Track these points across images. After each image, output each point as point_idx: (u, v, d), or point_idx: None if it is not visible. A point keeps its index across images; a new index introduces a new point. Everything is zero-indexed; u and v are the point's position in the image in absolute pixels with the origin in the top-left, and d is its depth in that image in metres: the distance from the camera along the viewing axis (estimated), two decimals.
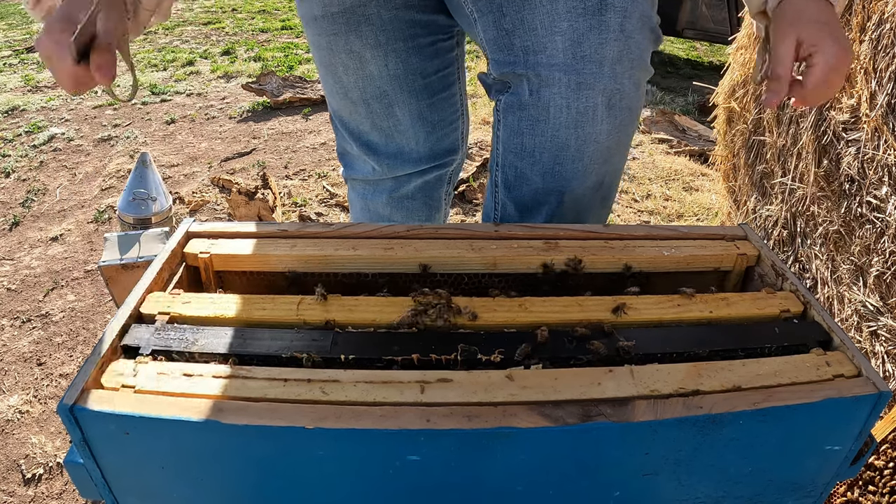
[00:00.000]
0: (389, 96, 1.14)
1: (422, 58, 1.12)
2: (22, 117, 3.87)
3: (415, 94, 1.14)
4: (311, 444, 0.60)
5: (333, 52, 1.11)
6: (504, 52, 0.94)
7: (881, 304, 1.28)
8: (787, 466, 0.71)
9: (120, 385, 0.64)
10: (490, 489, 0.66)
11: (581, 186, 0.98)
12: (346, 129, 1.24)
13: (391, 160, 1.22)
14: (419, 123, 1.18)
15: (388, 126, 1.18)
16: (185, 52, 5.39)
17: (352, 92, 1.15)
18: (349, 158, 1.31)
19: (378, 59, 1.09)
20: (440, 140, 1.22)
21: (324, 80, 1.21)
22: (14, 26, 7.07)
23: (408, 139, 1.19)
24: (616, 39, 0.89)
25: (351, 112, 1.20)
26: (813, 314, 0.77)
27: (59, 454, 1.54)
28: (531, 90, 0.93)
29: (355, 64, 1.11)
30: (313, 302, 0.77)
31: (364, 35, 1.07)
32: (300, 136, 3.49)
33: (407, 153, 1.21)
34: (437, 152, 1.23)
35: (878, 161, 1.28)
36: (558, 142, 0.94)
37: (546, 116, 0.93)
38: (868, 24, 1.32)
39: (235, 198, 2.40)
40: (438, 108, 1.18)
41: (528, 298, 0.78)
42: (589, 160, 0.96)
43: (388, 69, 1.10)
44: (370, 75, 1.12)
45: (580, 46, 0.89)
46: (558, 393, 0.63)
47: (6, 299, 2.14)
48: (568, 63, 0.89)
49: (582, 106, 0.91)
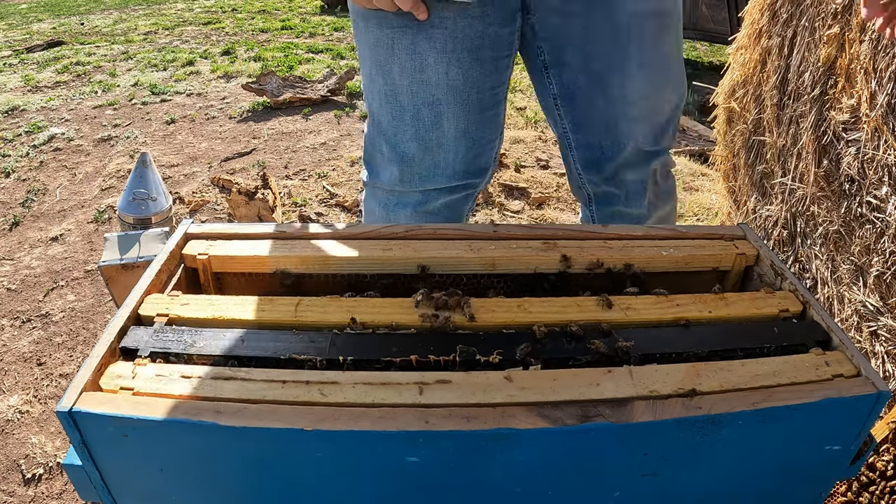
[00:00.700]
0: (441, 106, 1.11)
1: (482, 72, 1.11)
2: (22, 117, 3.87)
3: (466, 107, 1.12)
4: (310, 446, 0.60)
5: (394, 50, 1.07)
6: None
7: (881, 304, 1.28)
8: (786, 467, 0.71)
9: (119, 387, 0.64)
10: (489, 490, 0.66)
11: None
12: (384, 135, 1.19)
13: (424, 173, 1.19)
14: (462, 139, 1.15)
15: (431, 138, 1.14)
16: (185, 52, 5.39)
17: (402, 95, 1.12)
18: (377, 165, 1.26)
19: (440, 65, 1.07)
20: (476, 158, 1.20)
21: (370, 80, 1.16)
22: (14, 26, 7.08)
23: (447, 154, 1.17)
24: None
25: (395, 117, 1.15)
26: (812, 314, 0.77)
27: (59, 454, 1.54)
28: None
29: (415, 66, 1.08)
30: (313, 303, 0.77)
31: (433, 38, 1.05)
32: (300, 136, 3.49)
33: (442, 168, 1.18)
34: (472, 170, 1.21)
35: (878, 161, 1.27)
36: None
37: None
38: (868, 24, 1.32)
39: (235, 198, 2.40)
40: (483, 124, 1.17)
41: (526, 299, 0.78)
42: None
43: (447, 77, 1.08)
44: (427, 81, 1.09)
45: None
46: (557, 394, 0.63)
47: (6, 299, 2.14)
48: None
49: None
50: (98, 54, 5.45)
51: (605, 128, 1.18)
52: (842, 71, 1.43)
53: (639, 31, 1.09)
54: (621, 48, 1.09)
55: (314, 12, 7.63)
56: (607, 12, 1.06)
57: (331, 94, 4.02)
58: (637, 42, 1.10)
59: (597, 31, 1.08)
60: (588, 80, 1.13)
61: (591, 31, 1.08)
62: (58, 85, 4.57)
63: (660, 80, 1.16)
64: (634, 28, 1.08)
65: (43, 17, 7.79)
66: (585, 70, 1.12)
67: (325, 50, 5.47)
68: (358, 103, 3.96)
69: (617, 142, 1.19)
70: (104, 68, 4.96)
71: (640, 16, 1.08)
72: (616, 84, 1.12)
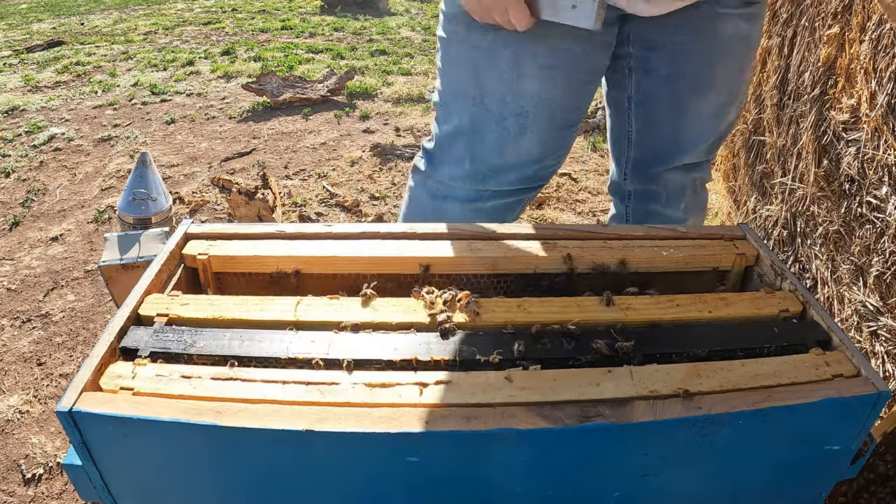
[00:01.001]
0: (528, 119, 1.12)
1: (574, 93, 1.12)
2: (22, 117, 3.87)
3: (551, 123, 1.14)
4: (310, 446, 0.60)
5: (494, 55, 1.07)
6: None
7: (881, 304, 1.28)
8: (786, 466, 0.71)
9: (118, 387, 0.64)
10: (489, 490, 0.66)
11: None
12: (462, 135, 1.18)
13: (491, 175, 1.19)
14: (538, 150, 1.17)
15: (511, 146, 1.16)
16: (185, 52, 5.39)
17: (491, 101, 1.12)
18: (442, 159, 1.24)
19: (540, 79, 1.07)
20: (543, 168, 1.22)
21: (455, 78, 1.16)
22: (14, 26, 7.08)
23: (519, 160, 1.18)
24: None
25: (479, 120, 1.15)
26: (812, 314, 0.77)
27: (59, 454, 1.54)
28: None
29: (513, 76, 1.08)
30: (313, 303, 0.77)
31: (537, 53, 1.05)
32: (300, 136, 3.49)
33: (510, 174, 1.19)
34: (535, 178, 1.22)
35: (878, 161, 1.27)
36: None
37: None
38: (868, 24, 1.32)
39: (235, 198, 2.40)
40: (559, 140, 1.19)
41: (526, 299, 0.78)
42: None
43: (542, 92, 1.09)
44: (521, 92, 1.09)
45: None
46: (557, 394, 0.63)
47: (6, 299, 2.14)
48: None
49: None
50: (98, 54, 5.45)
51: (671, 137, 1.22)
52: (842, 71, 1.43)
53: (728, 56, 1.12)
54: (711, 69, 1.13)
55: (314, 12, 7.63)
56: (709, 33, 1.08)
57: (331, 94, 4.02)
58: (725, 66, 1.13)
59: (692, 49, 1.10)
60: (670, 92, 1.16)
61: (687, 48, 1.10)
62: (58, 85, 4.57)
63: (731, 101, 1.21)
64: (726, 52, 1.11)
65: (43, 17, 7.78)
66: (670, 82, 1.15)
67: (325, 50, 5.47)
68: (358, 103, 3.96)
69: (678, 150, 1.23)
70: (104, 68, 4.96)
71: (735, 39, 1.11)
72: (695, 101, 1.16)
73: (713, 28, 1.08)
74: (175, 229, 0.90)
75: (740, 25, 1.09)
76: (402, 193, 2.83)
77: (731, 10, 1.07)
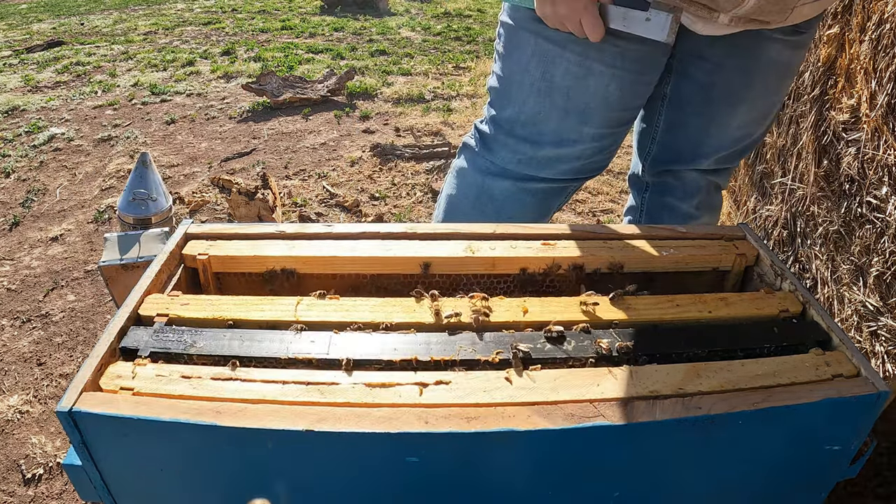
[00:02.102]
0: (590, 114, 1.15)
1: (634, 93, 1.16)
2: (22, 117, 3.87)
3: (609, 120, 1.17)
4: (310, 446, 0.60)
5: (564, 52, 1.10)
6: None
7: (881, 304, 1.28)
8: (786, 466, 0.71)
9: (119, 387, 0.64)
10: (489, 490, 0.66)
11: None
12: (518, 118, 1.21)
13: (545, 163, 1.23)
14: (594, 144, 1.20)
15: (570, 139, 1.19)
16: (185, 52, 5.39)
17: (557, 95, 1.14)
18: (496, 141, 1.27)
19: (604, 77, 1.10)
20: (595, 162, 1.25)
21: (521, 66, 1.17)
22: (14, 26, 7.08)
23: (574, 153, 1.21)
24: None
25: (541, 111, 1.18)
26: (812, 314, 0.77)
27: (59, 454, 1.54)
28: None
29: (580, 72, 1.11)
30: (313, 303, 0.77)
31: (604, 51, 1.08)
32: (300, 136, 3.49)
33: (564, 164, 1.23)
34: (585, 170, 1.26)
35: (878, 161, 1.27)
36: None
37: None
38: (868, 24, 1.32)
39: (235, 198, 2.40)
40: (614, 136, 1.22)
41: (527, 299, 0.78)
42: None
43: (606, 90, 1.12)
44: (586, 88, 1.12)
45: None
46: (557, 394, 0.63)
47: (6, 299, 2.14)
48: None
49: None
50: (98, 54, 5.45)
51: (693, 141, 1.27)
52: (842, 71, 1.43)
53: (766, 78, 1.16)
54: (746, 87, 1.17)
55: (314, 12, 7.63)
56: (752, 54, 1.12)
57: (331, 95, 4.02)
58: (761, 87, 1.17)
59: (733, 65, 1.14)
60: (703, 99, 1.20)
61: (728, 63, 1.14)
62: (58, 85, 4.57)
63: (762, 120, 1.25)
64: (765, 74, 1.15)
65: (43, 17, 7.78)
66: (705, 90, 1.18)
67: (325, 50, 5.47)
68: (358, 103, 3.96)
69: (699, 154, 1.28)
70: (104, 68, 4.96)
71: (777, 64, 1.14)
72: (725, 112, 1.20)
73: (758, 50, 1.11)
74: (175, 229, 0.90)
75: (783, 53, 1.12)
76: (402, 193, 2.83)
77: (779, 36, 1.10)
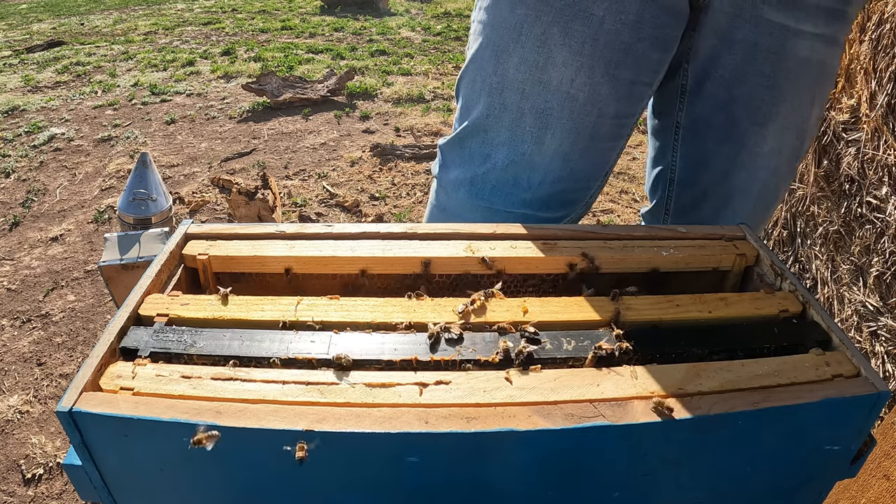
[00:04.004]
0: (551, 117, 0.92)
1: (612, 93, 0.92)
2: (22, 117, 3.87)
3: (577, 129, 0.93)
4: (310, 446, 0.60)
5: (520, 34, 0.88)
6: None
7: (881, 304, 1.28)
8: (786, 467, 0.71)
9: (119, 387, 0.64)
10: (489, 490, 0.66)
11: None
12: (471, 129, 0.99)
13: (498, 188, 1.00)
14: (557, 164, 0.96)
15: (524, 151, 0.95)
16: (185, 52, 5.39)
17: (510, 91, 0.92)
18: (453, 159, 1.05)
19: (568, 68, 0.88)
20: (564, 193, 1.00)
21: (478, 65, 0.96)
22: (14, 26, 7.08)
23: (532, 174, 0.97)
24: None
25: (491, 114, 0.95)
26: (812, 314, 0.77)
27: (59, 454, 1.54)
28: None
29: (537, 61, 0.89)
30: (313, 303, 0.77)
31: (571, 33, 0.86)
32: (300, 136, 3.49)
33: (521, 190, 0.99)
34: (552, 204, 1.00)
35: (878, 161, 1.27)
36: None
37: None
38: (868, 25, 1.32)
39: (235, 198, 2.40)
40: (589, 156, 0.97)
41: (527, 299, 0.78)
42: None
43: (571, 85, 0.90)
44: (545, 82, 0.90)
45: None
46: (557, 394, 0.63)
47: (6, 299, 2.14)
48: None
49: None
50: (98, 54, 5.45)
51: (721, 175, 1.04)
52: (842, 71, 1.43)
53: (798, 87, 0.95)
54: (774, 100, 0.96)
55: (314, 12, 7.63)
56: (778, 54, 0.91)
57: (331, 95, 4.02)
58: (794, 97, 0.96)
59: (754, 70, 0.94)
60: (726, 121, 0.99)
61: (749, 68, 0.94)
62: (58, 85, 4.57)
63: (798, 141, 1.02)
64: (796, 81, 0.95)
65: (43, 17, 7.78)
66: (726, 108, 0.98)
67: (325, 50, 5.47)
68: (358, 104, 3.96)
69: (728, 193, 1.05)
70: (104, 68, 4.96)
71: (809, 65, 0.93)
72: (755, 135, 0.98)
73: (784, 50, 0.91)
74: (175, 229, 0.90)
75: (816, 50, 0.92)
76: (402, 193, 2.83)
77: (808, 29, 0.90)
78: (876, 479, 0.97)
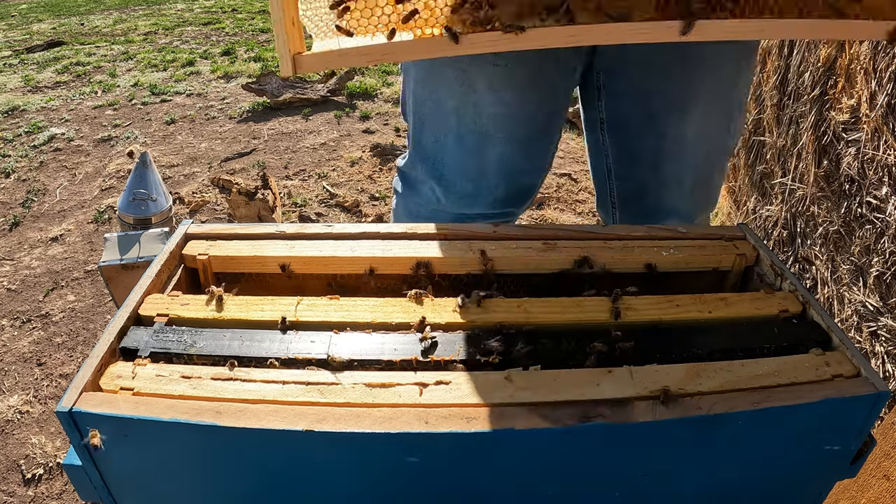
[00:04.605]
0: (488, 134, 1.00)
1: (538, 97, 0.99)
2: (22, 117, 3.87)
3: (514, 136, 1.01)
4: (310, 447, 0.60)
5: (444, 70, 0.96)
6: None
7: (881, 304, 1.28)
8: (786, 466, 0.71)
9: (118, 387, 0.64)
10: (489, 490, 0.66)
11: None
12: (423, 156, 1.09)
13: (463, 199, 1.09)
14: (505, 169, 1.04)
15: (472, 165, 1.04)
16: (185, 52, 5.39)
17: (448, 116, 1.00)
18: (414, 182, 1.15)
19: (492, 91, 0.96)
20: (520, 187, 1.09)
21: (414, 96, 1.05)
22: (14, 26, 7.08)
23: (488, 182, 1.06)
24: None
25: (437, 140, 1.04)
26: (812, 314, 0.77)
27: (59, 454, 1.54)
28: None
29: (464, 89, 0.96)
30: (313, 303, 0.77)
31: (485, 61, 0.91)
32: (300, 136, 3.49)
33: (483, 196, 1.08)
34: (512, 199, 1.10)
35: (878, 161, 1.27)
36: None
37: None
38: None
39: (235, 198, 2.40)
40: (531, 154, 1.06)
41: (527, 299, 0.78)
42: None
43: (499, 100, 0.96)
44: (476, 104, 0.97)
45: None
46: (557, 394, 0.63)
47: (6, 299, 2.14)
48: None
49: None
50: (98, 54, 5.45)
51: (651, 166, 1.07)
52: (842, 71, 1.43)
53: (711, 68, 0.96)
54: (686, 88, 0.97)
55: None
56: (682, 44, 0.91)
57: (331, 95, 4.02)
58: (710, 77, 0.97)
59: (662, 61, 0.96)
60: (645, 113, 1.02)
61: (656, 58, 0.96)
62: (58, 85, 4.57)
63: (724, 121, 1.03)
64: (708, 63, 0.95)
65: (43, 17, 7.78)
66: (642, 101, 1.01)
67: None
68: (358, 104, 3.96)
69: (661, 183, 1.09)
70: (104, 68, 4.96)
71: (718, 53, 0.94)
72: (675, 124, 1.00)
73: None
74: (175, 229, 0.90)
75: (706, 44, 0.91)
76: None
77: None
78: (876, 479, 0.97)
